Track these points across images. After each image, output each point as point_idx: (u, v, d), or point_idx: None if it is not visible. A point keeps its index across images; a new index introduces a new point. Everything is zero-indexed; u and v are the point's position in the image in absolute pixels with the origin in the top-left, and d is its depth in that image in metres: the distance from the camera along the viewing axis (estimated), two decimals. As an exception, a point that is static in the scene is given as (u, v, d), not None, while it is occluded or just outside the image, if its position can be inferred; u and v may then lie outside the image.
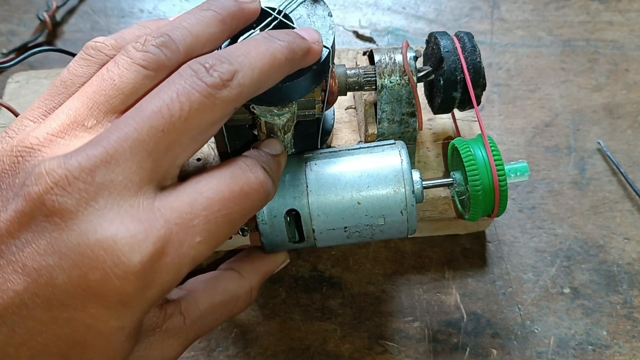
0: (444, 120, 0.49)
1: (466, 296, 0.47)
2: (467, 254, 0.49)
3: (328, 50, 0.35)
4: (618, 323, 0.46)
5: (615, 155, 0.53)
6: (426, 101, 0.47)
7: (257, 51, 0.31)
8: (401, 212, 0.38)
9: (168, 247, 0.27)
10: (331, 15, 0.36)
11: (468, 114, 0.49)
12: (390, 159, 0.38)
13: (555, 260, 0.48)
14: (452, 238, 0.49)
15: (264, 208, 0.38)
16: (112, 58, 0.31)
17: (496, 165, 0.40)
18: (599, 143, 0.54)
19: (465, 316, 0.46)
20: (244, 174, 0.31)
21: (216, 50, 0.32)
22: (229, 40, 0.34)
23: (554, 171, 0.53)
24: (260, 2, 0.35)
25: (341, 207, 0.38)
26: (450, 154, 0.44)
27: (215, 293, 0.36)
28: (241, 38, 0.34)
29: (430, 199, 0.46)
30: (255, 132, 0.39)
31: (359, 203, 0.38)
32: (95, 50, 0.32)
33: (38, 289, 0.26)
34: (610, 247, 0.49)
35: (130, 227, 0.27)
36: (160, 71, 0.30)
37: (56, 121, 0.29)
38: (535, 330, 0.45)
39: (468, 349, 0.45)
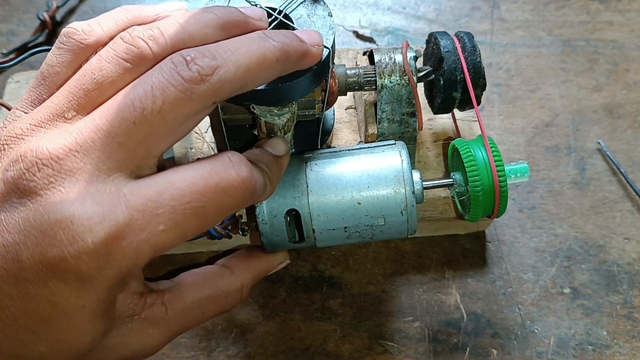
0: (444, 120, 0.49)
1: (466, 296, 0.47)
2: (467, 254, 0.49)
3: (328, 51, 0.35)
4: (618, 323, 0.46)
5: (615, 155, 0.53)
6: (426, 101, 0.47)
7: (247, 49, 0.31)
8: (401, 212, 0.38)
9: (126, 231, 0.28)
10: (331, 15, 0.36)
11: (468, 114, 0.49)
12: (391, 159, 0.38)
13: (555, 260, 0.48)
14: (452, 238, 0.49)
15: (264, 208, 0.38)
16: (83, 44, 0.32)
17: (496, 166, 0.40)
18: (599, 143, 0.54)
19: (465, 316, 0.46)
20: (224, 170, 0.31)
21: (206, 45, 0.31)
22: None
23: (554, 171, 0.53)
24: (267, 23, 0.35)
25: (341, 208, 0.38)
26: (451, 154, 0.44)
27: (203, 287, 0.36)
28: None
29: (430, 199, 0.46)
30: (255, 132, 0.39)
31: (359, 203, 0.38)
32: (67, 37, 0.33)
33: (6, 265, 0.28)
34: (610, 247, 0.49)
35: (90, 209, 0.28)
36: (142, 65, 0.31)
37: (40, 112, 0.31)
38: (535, 330, 0.45)
39: (468, 349, 0.45)
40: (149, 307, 0.33)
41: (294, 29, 0.35)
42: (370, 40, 0.60)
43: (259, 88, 0.34)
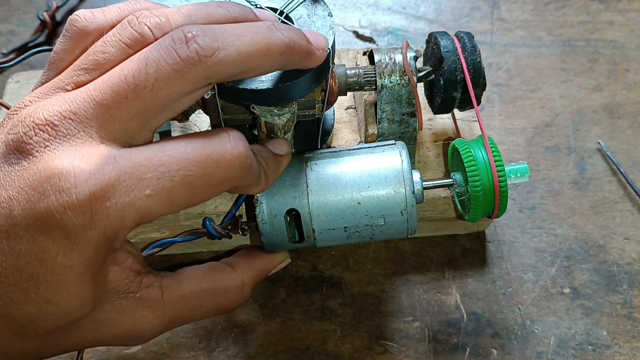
0: (444, 120, 0.49)
1: (466, 296, 0.47)
2: (467, 254, 0.49)
3: (328, 51, 0.35)
4: (618, 323, 0.46)
5: (615, 155, 0.53)
6: (426, 101, 0.47)
7: (252, 36, 0.31)
8: (401, 212, 0.38)
9: (112, 191, 0.28)
10: (331, 16, 0.36)
11: (468, 114, 0.49)
12: (391, 159, 0.38)
13: (555, 260, 0.48)
14: (452, 238, 0.49)
15: (264, 207, 0.38)
16: (84, 31, 0.33)
17: (496, 167, 0.40)
18: (599, 143, 0.54)
19: (465, 316, 0.46)
20: (219, 142, 0.31)
21: (211, 25, 0.31)
22: None
23: (554, 171, 0.53)
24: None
25: (341, 207, 0.38)
26: (451, 154, 0.44)
27: (202, 280, 0.36)
28: None
29: (430, 199, 0.46)
30: (255, 132, 0.39)
31: (359, 203, 0.38)
32: (70, 25, 0.34)
33: (0, 220, 0.29)
34: (610, 247, 0.49)
35: (78, 166, 0.28)
36: None
37: (44, 87, 0.32)
38: (536, 330, 0.45)
39: (468, 349, 0.45)
40: (145, 287, 0.33)
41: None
42: (370, 40, 0.60)
43: (259, 88, 0.34)
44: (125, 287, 0.32)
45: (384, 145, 0.40)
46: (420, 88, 0.45)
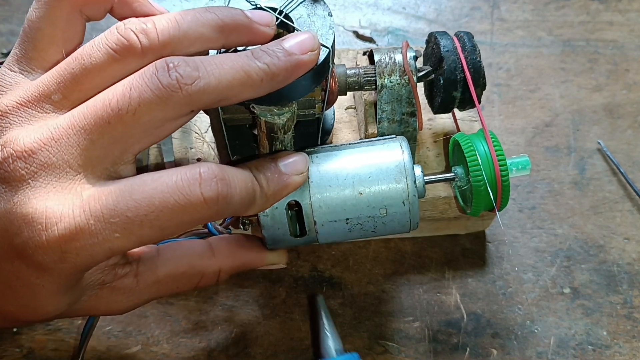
0: (444, 120, 0.49)
1: (466, 296, 0.47)
2: (467, 254, 0.49)
3: (328, 50, 0.35)
4: (618, 323, 0.46)
5: (615, 155, 0.53)
6: (426, 101, 0.47)
7: (231, 65, 0.31)
8: (403, 202, 0.38)
9: (80, 234, 0.30)
10: (331, 15, 0.36)
11: (468, 113, 0.49)
12: (392, 150, 0.38)
13: (555, 260, 0.48)
14: (452, 238, 0.49)
15: None
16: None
17: (498, 159, 0.40)
18: (599, 143, 0.54)
19: (465, 316, 0.46)
20: (188, 187, 0.31)
21: (194, 57, 0.32)
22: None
23: (554, 171, 0.53)
24: (275, 29, 0.35)
25: (343, 198, 0.37)
26: (452, 149, 0.44)
27: (179, 263, 0.37)
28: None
29: (430, 199, 0.46)
30: (255, 132, 0.39)
31: (360, 193, 0.37)
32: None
33: None
34: (610, 247, 0.49)
35: (50, 208, 0.30)
36: (129, 57, 0.31)
37: (29, 91, 0.32)
38: (536, 330, 0.45)
39: (468, 349, 0.45)
40: (119, 277, 0.34)
41: (294, 29, 0.35)
42: (370, 40, 0.60)
43: None
44: (100, 281, 0.34)
45: (385, 139, 0.40)
46: (420, 88, 0.45)
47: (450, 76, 0.42)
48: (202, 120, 0.47)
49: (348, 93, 0.43)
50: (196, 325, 0.45)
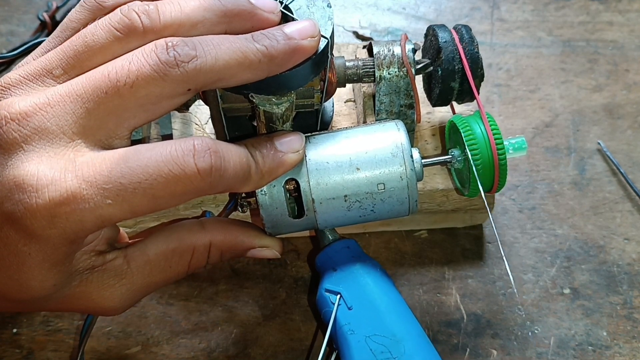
0: (442, 113, 0.49)
1: (466, 296, 0.47)
2: (467, 254, 0.49)
3: (327, 40, 0.35)
4: (618, 323, 0.46)
5: (615, 156, 0.53)
6: (425, 95, 0.47)
7: (228, 46, 0.32)
8: (400, 177, 0.38)
9: (71, 199, 0.30)
10: (330, 6, 0.36)
11: (467, 107, 0.49)
12: (388, 129, 0.39)
13: (555, 260, 0.48)
14: (452, 238, 0.49)
15: None
16: (102, 5, 0.34)
17: (495, 139, 0.40)
18: (599, 143, 0.54)
19: (465, 316, 0.46)
20: (182, 158, 0.31)
21: (193, 37, 0.32)
22: None
23: (554, 171, 0.53)
24: (279, 15, 0.35)
25: (340, 174, 0.37)
26: (448, 131, 0.44)
27: (169, 240, 0.36)
28: None
29: (427, 191, 0.46)
30: (255, 124, 0.39)
31: (358, 169, 0.38)
32: None
33: None
34: (610, 248, 0.49)
35: (42, 171, 0.30)
36: (131, 36, 0.32)
37: (32, 66, 0.33)
38: (536, 331, 0.45)
39: (468, 349, 0.45)
40: (108, 261, 0.34)
41: (293, 19, 0.35)
42: (370, 40, 0.60)
43: None
44: (89, 266, 0.34)
45: (381, 121, 0.40)
46: (419, 82, 0.46)
47: (448, 67, 0.42)
48: (202, 112, 0.48)
49: (347, 86, 0.43)
50: (196, 325, 0.45)
